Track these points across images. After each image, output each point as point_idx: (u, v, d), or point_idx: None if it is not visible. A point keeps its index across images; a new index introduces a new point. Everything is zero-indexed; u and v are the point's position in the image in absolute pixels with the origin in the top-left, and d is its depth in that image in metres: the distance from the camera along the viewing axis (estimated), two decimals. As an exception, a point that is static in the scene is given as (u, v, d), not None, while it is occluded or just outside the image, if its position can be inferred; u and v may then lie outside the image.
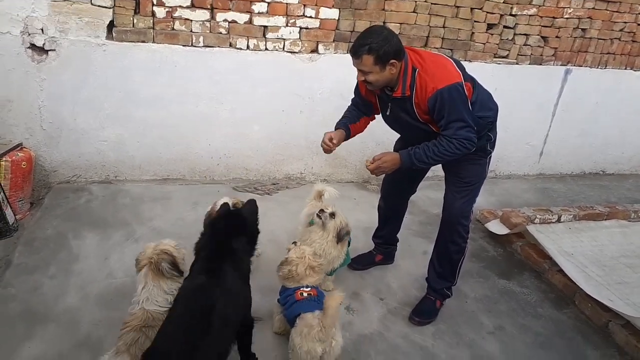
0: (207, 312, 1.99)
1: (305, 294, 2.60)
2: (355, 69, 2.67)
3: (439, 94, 2.55)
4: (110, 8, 3.84)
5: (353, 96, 3.12)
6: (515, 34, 4.90)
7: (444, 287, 3.15)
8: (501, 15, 4.77)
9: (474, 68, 4.69)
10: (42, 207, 3.92)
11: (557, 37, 5.02)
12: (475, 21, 4.72)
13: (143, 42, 3.99)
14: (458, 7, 4.61)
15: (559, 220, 4.25)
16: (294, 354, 2.39)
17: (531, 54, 5.03)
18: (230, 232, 2.38)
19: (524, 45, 4.98)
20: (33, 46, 3.76)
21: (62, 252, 3.38)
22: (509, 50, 4.95)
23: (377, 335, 2.97)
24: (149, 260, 2.41)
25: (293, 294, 2.61)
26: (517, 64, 5.02)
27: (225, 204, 2.73)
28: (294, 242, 2.89)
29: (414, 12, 4.51)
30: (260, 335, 2.72)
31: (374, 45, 2.50)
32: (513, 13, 4.79)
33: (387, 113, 2.84)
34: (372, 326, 3.03)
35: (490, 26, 4.81)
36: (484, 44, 4.83)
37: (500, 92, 4.90)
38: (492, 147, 2.98)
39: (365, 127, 3.15)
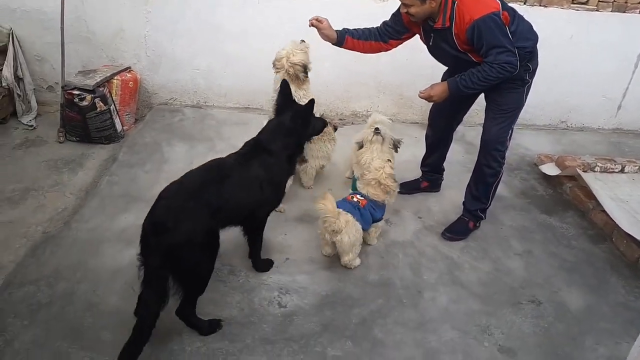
0: (222, 176, 2.47)
1: (355, 199, 3.05)
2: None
3: (476, 24, 2.76)
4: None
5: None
6: (597, -21, 4.77)
7: (478, 209, 3.41)
8: (582, -41, 4.68)
9: (548, 14, 4.77)
10: (144, 122, 4.70)
11: (645, -18, 4.80)
12: (552, -36, 4.67)
13: (231, -22, 4.51)
14: (535, -52, 4.60)
15: (622, 171, 4.23)
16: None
17: (614, 1, 4.85)
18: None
19: (606, -10, 4.83)
20: (142, -18, 4.45)
21: (156, 155, 4.10)
22: (588, -4, 4.84)
23: (409, 243, 3.34)
24: (287, 72, 3.31)
25: (353, 193, 3.09)
26: (597, 10, 4.87)
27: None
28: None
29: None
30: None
31: None
32: (595, -44, 4.67)
33: (430, 43, 3.11)
34: (406, 236, 3.41)
35: (568, -30, 4.73)
36: (561, -12, 4.77)
37: (577, 40, 4.95)
38: (531, 77, 3.13)
39: (368, 50, 3.36)
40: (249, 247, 2.89)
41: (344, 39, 3.29)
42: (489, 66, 2.82)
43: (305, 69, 3.47)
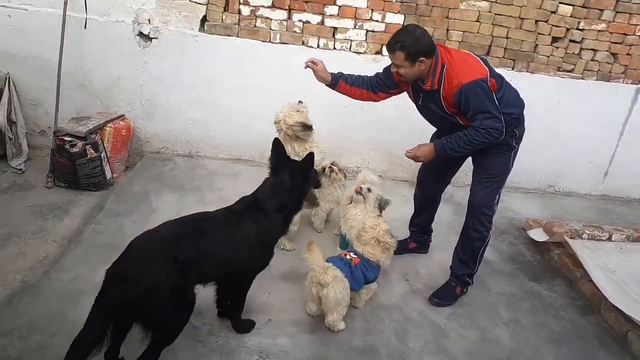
0: (199, 232, 2.43)
1: (347, 257, 3.02)
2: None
3: (464, 89, 2.84)
4: (204, 5, 4.53)
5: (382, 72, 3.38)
6: (581, 49, 4.95)
7: (465, 274, 3.39)
8: (567, 29, 4.86)
9: (535, 80, 4.91)
10: (134, 170, 4.69)
11: (628, 54, 4.98)
12: (539, 33, 4.85)
13: (229, 35, 4.64)
14: (522, 19, 4.78)
15: (609, 239, 4.23)
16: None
17: (599, 70, 5.03)
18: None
19: (591, 60, 5.00)
20: (141, 34, 4.55)
21: (144, 205, 4.07)
22: (574, 65, 5.00)
23: (395, 307, 3.29)
24: (285, 132, 3.45)
25: (347, 250, 3.10)
26: (582, 79, 5.04)
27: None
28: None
29: (477, 21, 4.76)
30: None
31: (406, 44, 2.85)
32: (580, 27, 4.85)
33: (419, 103, 3.18)
34: (392, 299, 3.36)
35: (555, 39, 4.90)
36: (547, 56, 4.93)
37: (563, 106, 5.08)
38: (517, 142, 3.19)
39: (359, 97, 3.41)
40: (230, 307, 2.83)
41: (337, 82, 3.36)
42: (475, 130, 2.87)
43: (304, 127, 3.51)
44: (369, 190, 3.51)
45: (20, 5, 4.40)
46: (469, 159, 3.39)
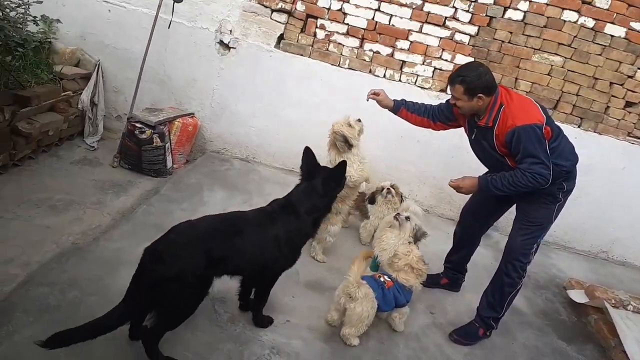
0: (235, 230, 2.57)
1: (382, 279, 3.09)
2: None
3: (517, 131, 2.86)
4: (283, 24, 4.82)
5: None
6: (656, 117, 4.80)
7: (491, 317, 3.32)
8: (644, 96, 4.74)
9: (602, 142, 4.81)
10: (193, 164, 4.99)
11: None
12: (612, 96, 4.75)
13: (301, 55, 4.89)
14: (596, 78, 4.72)
15: (657, 316, 4.01)
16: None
17: (672, 141, 4.84)
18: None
19: (665, 130, 4.83)
20: (221, 42, 4.90)
21: (196, 197, 4.31)
22: (646, 132, 4.85)
23: (413, 335, 3.27)
24: (330, 138, 3.64)
25: (382, 273, 3.16)
26: (653, 147, 4.86)
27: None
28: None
29: (548, 74, 4.74)
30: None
31: (467, 79, 2.93)
32: (658, 96, 4.72)
33: (472, 137, 3.22)
34: (412, 328, 3.34)
35: (629, 104, 4.78)
36: (618, 120, 4.81)
37: (629, 172, 4.92)
38: (564, 196, 3.14)
39: (419, 123, 3.52)
40: (253, 301, 2.94)
41: (399, 109, 3.52)
42: (521, 173, 2.88)
43: (345, 140, 3.63)
44: (407, 218, 3.55)
45: (120, 2, 4.89)
46: (514, 207, 3.37)
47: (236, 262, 2.56)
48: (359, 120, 3.80)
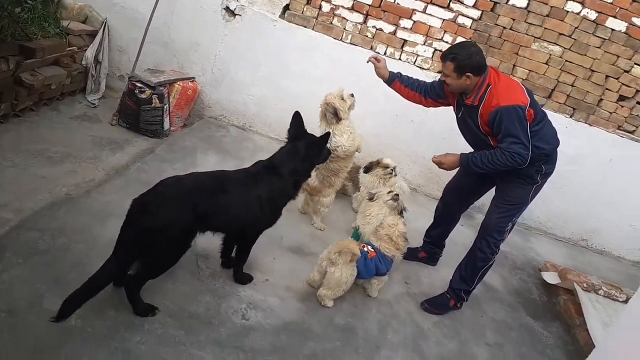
0: (220, 188, 2.68)
1: (365, 249, 3.24)
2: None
3: (500, 111, 2.95)
4: (290, -6, 4.87)
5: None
6: (648, 113, 4.86)
7: (462, 290, 3.47)
8: (637, 91, 4.79)
9: (592, 133, 4.88)
10: (190, 128, 5.10)
11: (696, 130, 4.83)
12: (607, 89, 4.81)
13: (305, 27, 4.95)
14: (593, 71, 4.77)
15: (626, 302, 4.13)
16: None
17: (662, 137, 4.92)
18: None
19: (655, 127, 4.90)
20: (227, 8, 4.95)
21: (189, 158, 4.43)
22: (636, 127, 4.91)
23: (386, 302, 3.43)
24: (320, 107, 3.74)
25: (365, 243, 3.31)
26: (642, 142, 4.94)
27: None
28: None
29: (545, 63, 4.79)
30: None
31: (458, 57, 3.01)
32: (651, 92, 4.78)
33: (459, 115, 3.31)
34: (386, 296, 3.49)
35: (622, 98, 4.84)
36: (610, 112, 4.88)
37: (615, 164, 5.01)
38: (542, 179, 3.24)
39: (410, 98, 3.59)
40: (235, 258, 3.09)
41: (393, 81, 3.59)
42: (500, 152, 2.98)
43: (335, 112, 3.72)
44: (397, 196, 3.67)
45: (129, -38, 4.94)
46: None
47: (220, 219, 2.68)
48: (352, 95, 3.88)
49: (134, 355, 2.40)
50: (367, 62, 3.63)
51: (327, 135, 3.02)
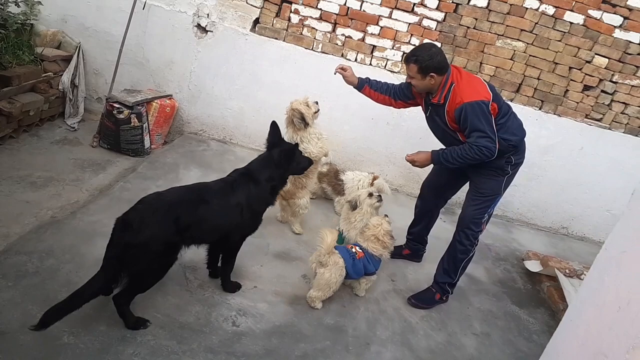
0: (199, 199, 2.77)
1: (353, 250, 3.32)
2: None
3: (464, 107, 3.08)
4: (259, 8, 4.98)
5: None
6: (612, 101, 5.04)
7: (446, 283, 3.57)
8: (600, 80, 4.98)
9: (562, 123, 5.06)
10: (171, 145, 5.16)
11: (660, 112, 5.04)
12: (571, 80, 4.99)
13: (276, 39, 5.06)
14: (556, 63, 4.95)
15: (607, 284, 4.29)
16: None
17: (627, 123, 5.10)
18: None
19: (621, 113, 5.08)
20: (198, 25, 5.04)
21: (171, 175, 4.49)
22: (603, 115, 5.09)
23: (374, 300, 3.52)
24: (286, 114, 3.81)
25: (353, 244, 3.39)
26: (609, 129, 5.11)
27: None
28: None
29: (511, 59, 4.96)
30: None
31: (419, 58, 3.14)
32: (614, 80, 4.96)
33: (427, 114, 3.44)
34: (373, 294, 3.58)
35: (587, 87, 5.03)
36: (577, 102, 5.06)
37: (586, 152, 5.18)
38: (513, 169, 3.37)
39: (381, 101, 3.70)
40: (221, 267, 3.15)
41: (363, 86, 3.71)
42: (469, 146, 3.10)
43: (302, 118, 3.82)
44: (379, 197, 3.81)
45: (100, -15, 5.01)
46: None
47: (202, 228, 2.75)
48: (317, 103, 3.98)
49: (128, 367, 2.46)
50: (335, 73, 3.75)
51: (294, 147, 3.18)
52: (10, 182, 3.77)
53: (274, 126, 3.21)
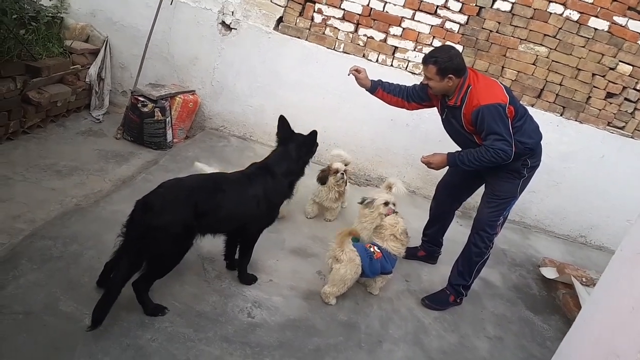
0: (217, 188, 2.83)
1: (372, 249, 3.35)
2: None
3: (481, 110, 3.09)
4: (283, 7, 5.05)
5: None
6: (636, 109, 5.00)
7: (460, 285, 3.58)
8: (624, 87, 4.93)
9: (583, 130, 5.03)
10: (192, 139, 5.25)
11: (683, 122, 4.97)
12: (594, 86, 4.95)
13: (298, 38, 5.12)
14: (579, 69, 4.92)
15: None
16: None
17: (651, 132, 5.05)
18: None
19: (644, 121, 5.03)
20: (223, 23, 5.13)
21: (192, 168, 4.52)
22: (626, 123, 5.04)
23: (387, 299, 3.54)
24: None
25: (372, 244, 3.42)
26: (632, 137, 5.06)
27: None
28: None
29: (533, 64, 4.94)
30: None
31: (439, 60, 3.15)
32: (638, 88, 4.91)
33: (444, 116, 3.46)
34: (387, 293, 3.60)
35: (610, 95, 4.98)
36: (599, 109, 5.02)
37: (607, 160, 5.13)
38: (529, 172, 3.37)
39: (394, 103, 3.71)
40: (238, 259, 3.21)
41: (376, 89, 3.71)
42: (485, 149, 3.11)
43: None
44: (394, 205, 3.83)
45: (128, -19, 5.13)
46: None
47: (219, 217, 2.81)
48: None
49: (145, 351, 2.52)
50: (348, 75, 3.76)
51: (314, 133, 3.21)
52: (37, 169, 3.89)
53: (282, 120, 3.28)
